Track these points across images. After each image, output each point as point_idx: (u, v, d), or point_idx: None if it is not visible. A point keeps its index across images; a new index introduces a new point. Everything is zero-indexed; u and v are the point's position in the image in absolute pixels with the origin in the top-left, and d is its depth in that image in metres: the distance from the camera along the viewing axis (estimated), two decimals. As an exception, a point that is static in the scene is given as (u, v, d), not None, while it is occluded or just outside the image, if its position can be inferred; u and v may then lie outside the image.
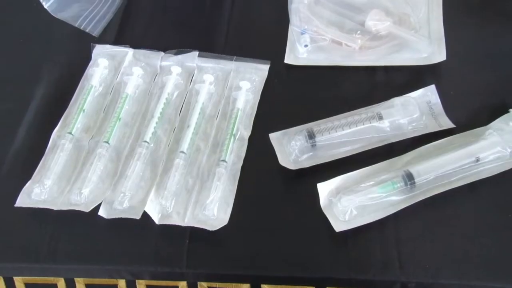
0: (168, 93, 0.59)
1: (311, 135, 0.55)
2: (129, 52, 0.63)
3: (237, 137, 0.57)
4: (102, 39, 0.65)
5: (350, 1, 0.63)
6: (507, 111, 0.55)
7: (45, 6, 0.61)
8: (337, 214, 0.51)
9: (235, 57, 0.62)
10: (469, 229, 0.51)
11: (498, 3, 0.57)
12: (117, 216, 0.52)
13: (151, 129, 0.57)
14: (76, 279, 0.54)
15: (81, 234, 0.53)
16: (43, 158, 0.56)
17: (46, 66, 0.64)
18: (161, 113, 0.58)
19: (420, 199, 0.51)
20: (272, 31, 0.64)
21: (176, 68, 0.61)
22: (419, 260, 0.49)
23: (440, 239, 0.50)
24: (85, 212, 0.52)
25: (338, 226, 0.50)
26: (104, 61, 0.62)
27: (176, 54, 0.62)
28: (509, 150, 0.53)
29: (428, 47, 0.60)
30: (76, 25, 0.64)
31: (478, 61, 0.60)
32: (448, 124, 0.56)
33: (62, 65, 0.64)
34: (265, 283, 0.52)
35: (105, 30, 0.66)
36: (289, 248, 0.51)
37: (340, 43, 0.61)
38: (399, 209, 0.51)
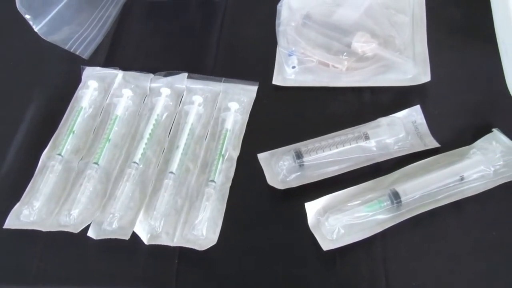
0: (158, 115, 0.60)
1: (298, 155, 0.55)
2: (119, 74, 0.63)
3: (226, 157, 0.57)
4: (92, 62, 0.65)
5: (337, 23, 0.64)
6: (490, 131, 0.56)
7: (36, 29, 0.61)
8: (324, 233, 0.51)
9: (223, 78, 0.62)
10: (455, 247, 0.51)
11: (480, 27, 0.58)
12: (106, 237, 0.52)
13: (140, 150, 0.57)
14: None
15: (70, 255, 0.53)
16: (32, 180, 0.57)
17: (36, 88, 0.64)
18: (150, 134, 0.58)
19: (407, 217, 0.51)
20: (260, 53, 0.65)
21: (166, 89, 0.61)
22: (406, 278, 0.50)
23: (426, 257, 0.51)
24: (74, 233, 0.52)
25: (326, 245, 0.50)
26: (94, 83, 0.62)
27: (166, 76, 0.63)
28: (492, 169, 0.53)
29: (413, 68, 0.61)
30: (67, 47, 0.64)
31: (462, 82, 0.61)
32: (433, 143, 0.56)
33: (52, 87, 0.64)
34: (254, 303, 0.52)
35: (95, 53, 0.66)
36: (278, 268, 0.51)
37: (327, 65, 0.62)
38: (385, 227, 0.51)
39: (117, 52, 0.67)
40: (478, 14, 0.59)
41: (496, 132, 0.56)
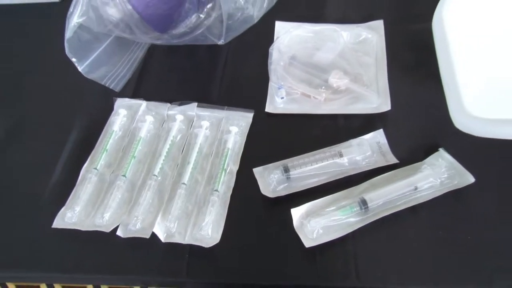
0: (173, 136, 0.58)
1: (286, 170, 0.54)
2: (143, 103, 0.62)
3: (227, 171, 0.55)
4: (122, 94, 0.64)
5: (316, 63, 0.63)
6: (437, 150, 0.55)
7: (79, 69, 0.60)
8: (306, 233, 0.49)
9: (226, 107, 0.61)
10: (411, 244, 0.50)
11: (428, 67, 0.57)
12: (131, 236, 0.51)
13: (159, 165, 0.55)
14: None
15: (102, 249, 0.51)
16: (74, 189, 0.55)
17: (78, 115, 0.62)
18: (167, 152, 0.57)
19: (373, 220, 0.50)
20: (256, 86, 0.63)
21: (180, 116, 0.60)
22: (372, 270, 0.48)
23: (388, 252, 0.49)
24: (106, 232, 0.51)
25: (308, 242, 0.49)
26: (123, 111, 0.61)
27: (180, 105, 0.61)
28: (439, 180, 0.52)
29: (377, 99, 0.59)
30: (103, 83, 0.63)
31: (415, 110, 0.60)
32: (393, 160, 0.55)
33: (91, 114, 0.63)
34: (250, 290, 0.50)
35: (125, 87, 0.64)
36: (269, 261, 0.49)
37: (309, 96, 0.60)
38: (355, 228, 0.49)
39: (142, 86, 0.65)
40: (426, 57, 0.58)
41: (441, 151, 0.54)
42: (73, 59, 0.60)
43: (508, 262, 0.48)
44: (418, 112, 0.59)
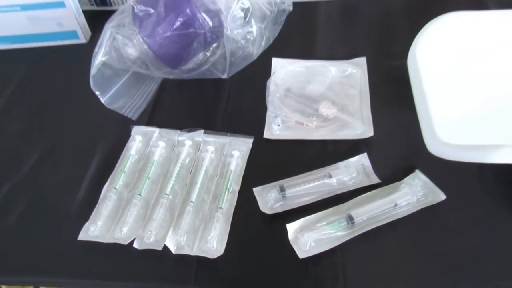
0: (182, 159, 0.59)
1: (282, 189, 0.55)
2: (156, 130, 0.63)
3: (230, 190, 0.56)
4: (139, 122, 0.65)
5: (308, 94, 0.64)
6: (414, 171, 0.56)
7: (102, 101, 0.62)
8: (300, 245, 0.51)
9: (229, 133, 0.62)
10: (393, 255, 0.51)
11: (406, 98, 0.58)
12: (146, 248, 0.52)
13: (170, 185, 0.57)
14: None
15: (121, 259, 0.53)
16: (96, 206, 0.56)
17: (101, 140, 0.64)
18: (177, 174, 0.58)
19: (358, 233, 0.51)
20: (255, 115, 0.65)
21: (188, 141, 0.61)
22: (359, 278, 0.49)
23: (373, 262, 0.50)
24: (124, 244, 0.52)
25: (302, 254, 0.50)
26: (139, 137, 0.62)
27: (188, 131, 0.63)
28: (415, 198, 0.53)
29: (361, 126, 0.61)
30: (121, 112, 0.65)
31: (395, 137, 0.61)
32: (376, 180, 0.56)
33: (111, 140, 0.64)
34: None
35: (141, 115, 0.66)
36: (267, 271, 0.51)
37: (302, 124, 0.62)
38: (344, 241, 0.51)
39: (155, 115, 0.67)
40: (404, 89, 0.59)
41: (417, 172, 0.56)
42: (97, 92, 0.62)
43: (476, 271, 0.49)
44: (397, 138, 0.60)
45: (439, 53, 0.61)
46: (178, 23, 0.62)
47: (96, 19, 0.76)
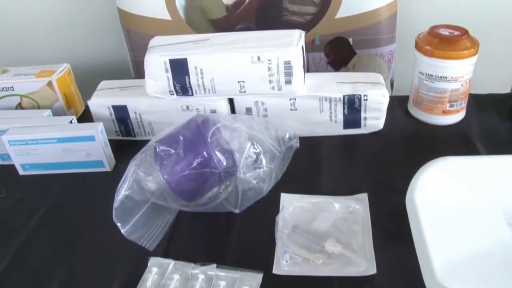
0: (195, 294, 0.62)
1: None
2: (171, 263, 0.66)
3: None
4: (155, 253, 0.69)
5: (314, 231, 0.68)
6: None
7: (123, 232, 0.67)
8: None
9: (240, 268, 0.64)
10: None
11: (406, 233, 0.61)
12: None
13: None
14: None
15: None
16: None
17: (118, 269, 0.67)
18: (190, 311, 0.60)
19: None
20: (264, 251, 0.67)
21: (201, 275, 0.64)
22: None
23: None
24: None
25: None
26: (155, 269, 0.65)
27: (202, 265, 0.66)
28: None
29: (364, 263, 0.64)
30: (140, 243, 0.69)
31: (397, 272, 0.63)
32: None
33: (128, 270, 0.67)
34: None
35: (158, 246, 0.70)
36: None
37: (309, 260, 0.65)
38: None
39: (171, 245, 0.71)
40: (405, 225, 0.63)
41: None
42: (118, 224, 0.67)
43: None
44: (399, 275, 0.63)
45: (436, 197, 0.65)
46: (195, 163, 0.69)
47: (121, 148, 0.84)
